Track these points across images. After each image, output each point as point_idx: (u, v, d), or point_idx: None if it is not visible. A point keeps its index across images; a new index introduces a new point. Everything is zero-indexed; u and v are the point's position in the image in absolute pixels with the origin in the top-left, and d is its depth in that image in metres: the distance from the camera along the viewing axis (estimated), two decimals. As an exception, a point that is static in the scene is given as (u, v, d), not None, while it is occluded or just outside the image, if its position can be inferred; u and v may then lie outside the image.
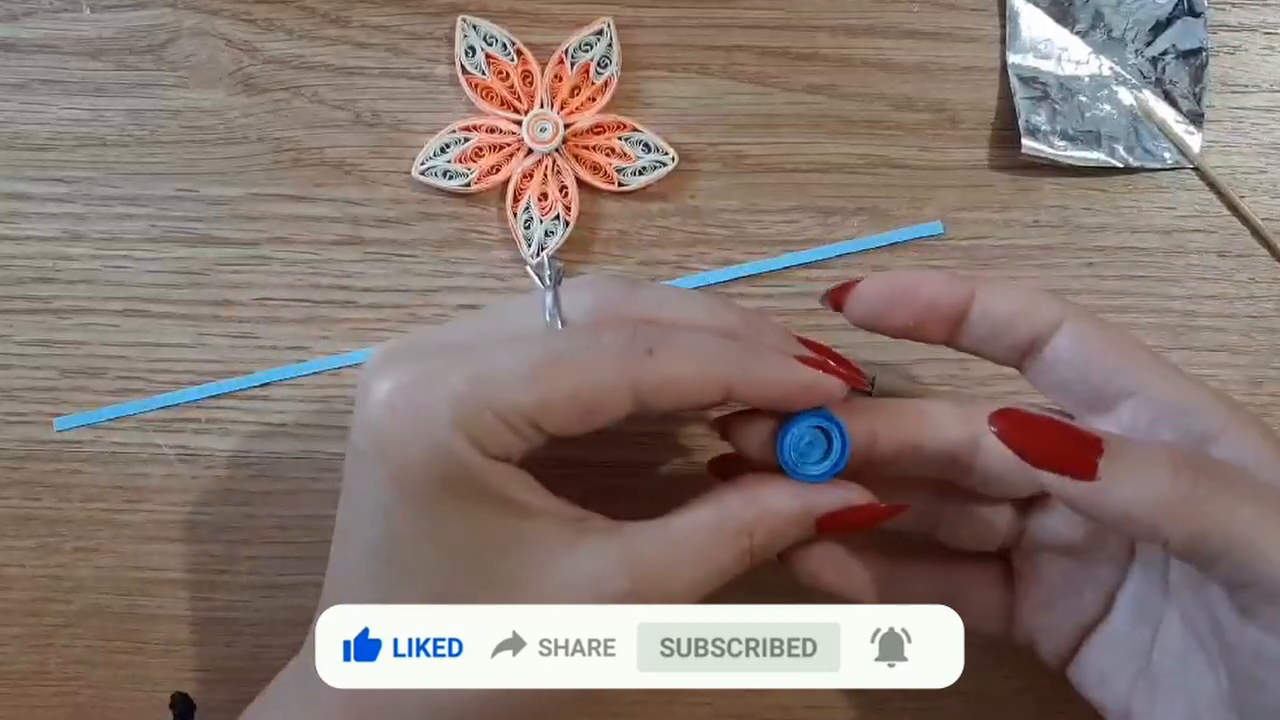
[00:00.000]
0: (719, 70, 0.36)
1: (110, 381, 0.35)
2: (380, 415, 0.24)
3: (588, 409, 0.24)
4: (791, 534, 0.27)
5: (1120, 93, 0.36)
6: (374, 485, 0.25)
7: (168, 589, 0.35)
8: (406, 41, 0.36)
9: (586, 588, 0.25)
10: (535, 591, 0.25)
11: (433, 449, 0.24)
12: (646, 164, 0.35)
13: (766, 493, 0.27)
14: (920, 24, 0.36)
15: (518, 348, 0.25)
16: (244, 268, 0.36)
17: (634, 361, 0.24)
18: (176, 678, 0.35)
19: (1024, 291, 0.27)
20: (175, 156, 0.36)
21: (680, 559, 0.26)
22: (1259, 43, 0.36)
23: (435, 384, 0.24)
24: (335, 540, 0.27)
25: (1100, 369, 0.26)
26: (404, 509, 0.24)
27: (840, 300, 0.28)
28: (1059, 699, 0.35)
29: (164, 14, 0.36)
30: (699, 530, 0.26)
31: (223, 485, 0.35)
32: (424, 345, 0.26)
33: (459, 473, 0.24)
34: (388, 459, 0.24)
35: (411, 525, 0.25)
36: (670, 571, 0.25)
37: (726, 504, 0.26)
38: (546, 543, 0.25)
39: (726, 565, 0.26)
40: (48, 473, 0.35)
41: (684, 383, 0.25)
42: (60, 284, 0.36)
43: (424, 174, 0.35)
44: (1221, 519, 0.23)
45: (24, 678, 0.35)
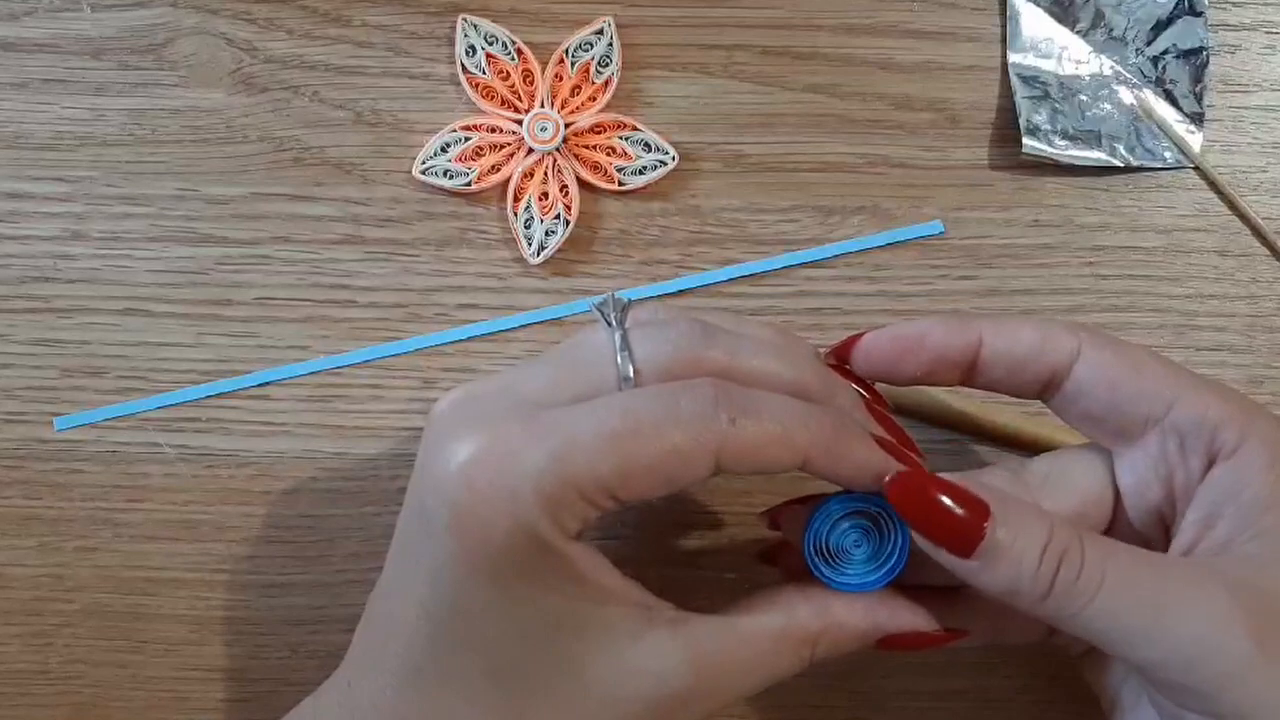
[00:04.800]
0: (719, 69, 0.36)
1: (111, 381, 0.35)
2: (457, 488, 0.23)
3: (668, 478, 0.24)
4: (854, 647, 0.27)
5: (1121, 92, 0.36)
6: (442, 553, 0.24)
7: (168, 588, 0.35)
8: (407, 41, 0.36)
9: (649, 679, 0.25)
10: (598, 677, 0.25)
11: (516, 530, 0.23)
12: (647, 163, 0.35)
13: (837, 607, 0.26)
14: (921, 23, 0.36)
15: (597, 414, 0.24)
16: (244, 267, 0.36)
17: (717, 430, 0.24)
18: (177, 677, 0.35)
19: (1033, 326, 0.26)
20: (176, 156, 0.36)
21: (744, 660, 0.25)
22: (1259, 42, 0.36)
23: (518, 460, 0.23)
24: (381, 589, 0.26)
25: (1124, 397, 0.26)
26: (475, 584, 0.24)
27: (845, 356, 0.28)
28: (1059, 699, 0.35)
29: (165, 13, 0.36)
30: (766, 634, 0.26)
31: (223, 485, 0.35)
32: (497, 401, 0.25)
33: (540, 554, 0.24)
34: (465, 534, 0.23)
35: (480, 600, 0.24)
36: (732, 672, 0.25)
37: (796, 612, 0.26)
38: (615, 630, 0.25)
39: (785, 670, 0.26)
40: (48, 472, 0.35)
41: (765, 452, 0.24)
42: (61, 283, 0.36)
43: (424, 173, 0.35)
44: (1076, 611, 0.24)
45: (25, 677, 0.35)
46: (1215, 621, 0.23)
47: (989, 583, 0.24)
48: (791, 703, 0.35)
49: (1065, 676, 0.35)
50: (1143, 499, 0.27)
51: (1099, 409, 0.26)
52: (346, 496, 0.35)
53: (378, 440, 0.35)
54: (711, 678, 0.25)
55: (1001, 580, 0.24)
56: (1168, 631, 0.23)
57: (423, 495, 0.25)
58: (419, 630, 0.25)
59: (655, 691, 0.25)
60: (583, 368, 0.25)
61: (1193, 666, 0.23)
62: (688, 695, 0.25)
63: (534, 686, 0.25)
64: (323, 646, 0.35)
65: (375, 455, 0.35)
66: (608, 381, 0.25)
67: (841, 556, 0.26)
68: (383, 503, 0.35)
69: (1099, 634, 0.24)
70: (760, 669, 0.26)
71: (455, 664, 0.25)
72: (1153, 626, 0.23)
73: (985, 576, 0.24)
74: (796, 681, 0.34)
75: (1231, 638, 0.23)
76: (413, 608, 0.25)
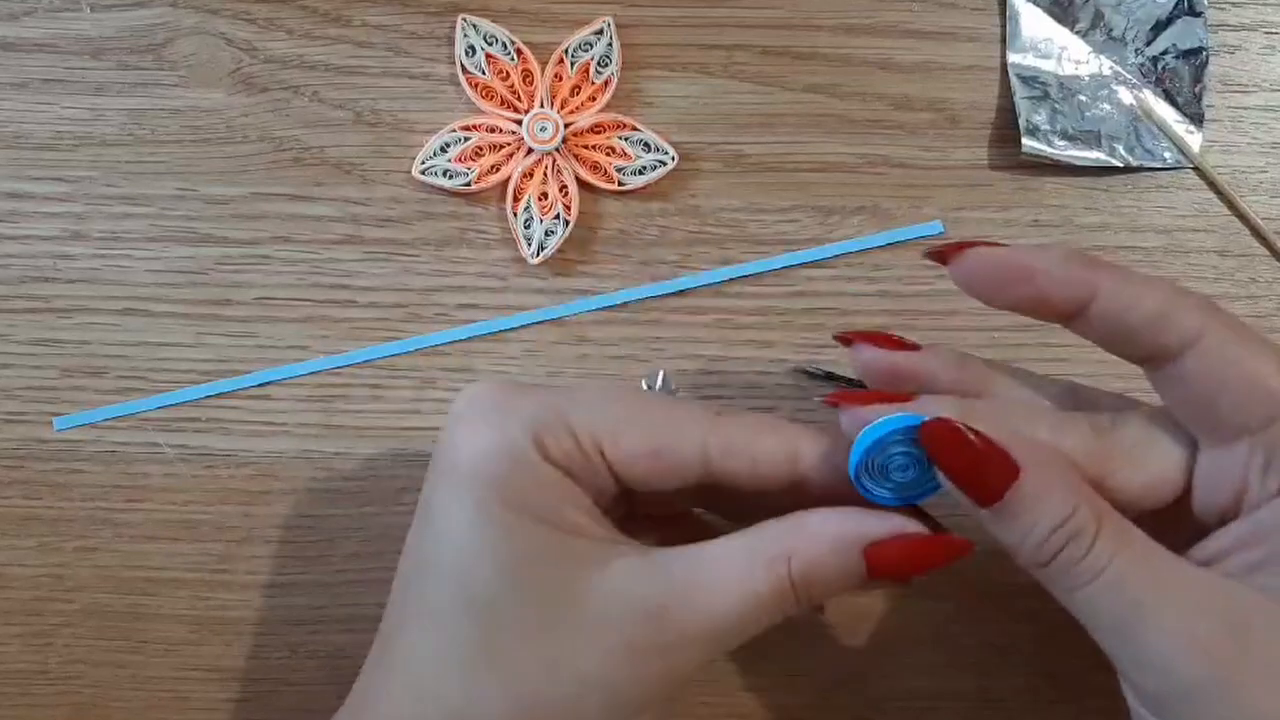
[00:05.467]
0: (719, 69, 0.36)
1: (111, 381, 0.35)
2: (455, 419, 0.26)
3: (656, 449, 0.25)
4: (835, 566, 0.25)
5: (1120, 92, 0.36)
6: (433, 480, 0.25)
7: (168, 588, 0.35)
8: (407, 41, 0.36)
9: (618, 601, 0.24)
10: (568, 604, 0.24)
11: (501, 443, 0.25)
12: (647, 163, 0.35)
13: (810, 517, 0.25)
14: (920, 23, 0.36)
15: (603, 387, 0.27)
16: (244, 267, 0.36)
17: (707, 415, 0.25)
18: (176, 677, 0.35)
19: (1160, 296, 0.24)
20: (175, 156, 0.36)
21: (715, 580, 0.24)
22: (1259, 42, 0.36)
23: (519, 391, 0.26)
24: (411, 565, 0.26)
25: (1229, 401, 0.24)
26: (459, 508, 0.25)
27: (947, 260, 0.26)
28: (1059, 699, 0.35)
29: (164, 13, 0.36)
30: (732, 553, 0.25)
31: (223, 484, 0.35)
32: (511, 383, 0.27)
33: (520, 472, 0.25)
34: (455, 454, 0.25)
35: (461, 527, 0.25)
36: (704, 591, 0.24)
37: (764, 529, 0.25)
38: (585, 558, 0.25)
39: (764, 595, 0.24)
40: (48, 472, 0.35)
41: (757, 442, 0.25)
42: (61, 283, 0.36)
43: (424, 173, 0.35)
44: (1068, 589, 0.24)
45: (24, 677, 0.35)
46: (1193, 642, 0.22)
47: (994, 532, 0.24)
48: (792, 703, 0.35)
49: (1065, 676, 0.35)
50: (1209, 497, 0.25)
51: (1198, 401, 0.24)
52: (346, 497, 0.35)
53: (378, 440, 0.35)
54: (682, 597, 0.24)
55: (1007, 537, 0.24)
56: (1141, 638, 0.23)
57: (432, 460, 0.26)
58: (404, 568, 0.26)
59: (625, 613, 0.24)
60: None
61: (1158, 677, 0.23)
62: (661, 618, 0.24)
63: (505, 620, 0.24)
64: (323, 647, 0.35)
65: (375, 455, 0.35)
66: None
67: (885, 475, 0.25)
68: (382, 503, 0.35)
69: (1083, 616, 0.24)
70: (734, 590, 0.24)
71: (432, 597, 0.25)
72: (1132, 627, 0.23)
73: (993, 527, 0.24)
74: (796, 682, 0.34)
75: (1201, 663, 0.22)
76: (407, 552, 0.26)
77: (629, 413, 0.26)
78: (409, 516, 0.27)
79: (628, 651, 0.24)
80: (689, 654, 0.25)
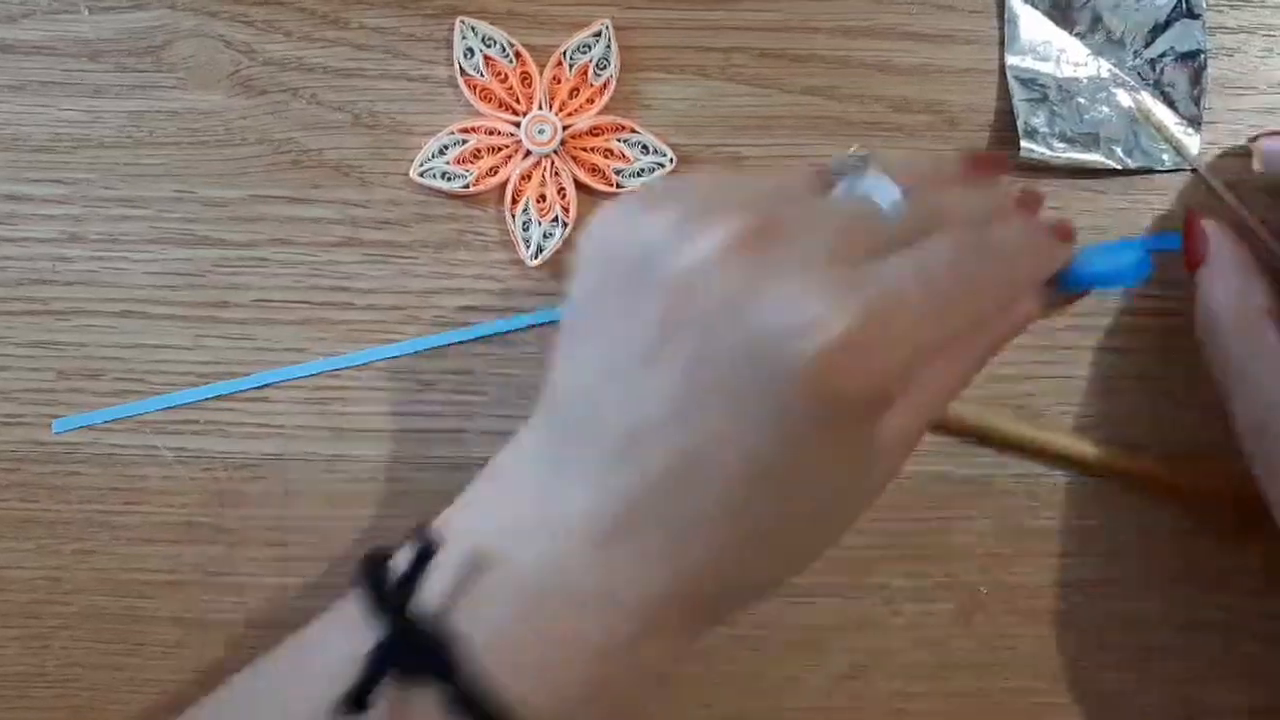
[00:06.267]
0: (717, 72, 0.36)
1: (108, 383, 0.35)
2: (818, 346, 0.23)
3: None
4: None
5: (1119, 95, 0.36)
6: (785, 404, 0.24)
7: (166, 591, 0.35)
8: (405, 43, 0.36)
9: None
10: (859, 504, 0.27)
11: (872, 388, 0.24)
12: (645, 165, 0.35)
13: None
14: (918, 26, 0.36)
15: (926, 266, 0.25)
16: (242, 269, 0.36)
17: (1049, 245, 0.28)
18: (174, 679, 0.35)
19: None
20: (173, 158, 0.36)
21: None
22: (1257, 45, 0.36)
23: (887, 334, 0.24)
24: (667, 436, 0.25)
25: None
26: (809, 435, 0.24)
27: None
28: (1060, 700, 0.35)
29: (162, 16, 0.36)
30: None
31: (221, 487, 0.35)
32: (804, 253, 0.24)
33: (878, 409, 0.25)
34: (820, 387, 0.23)
35: (806, 451, 0.24)
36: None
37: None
38: (874, 472, 0.27)
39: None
40: (46, 474, 0.35)
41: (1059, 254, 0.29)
42: (59, 285, 0.36)
43: (422, 176, 0.35)
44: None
45: (22, 680, 0.35)
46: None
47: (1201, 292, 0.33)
48: (792, 704, 0.35)
49: (1065, 677, 0.35)
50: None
51: None
52: (345, 499, 0.35)
53: (376, 443, 0.35)
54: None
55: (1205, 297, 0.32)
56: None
57: (761, 353, 0.24)
58: (745, 476, 0.24)
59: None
60: (855, 220, 0.26)
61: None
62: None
63: (841, 504, 0.26)
64: (321, 649, 0.35)
65: (374, 457, 0.35)
66: (885, 233, 0.26)
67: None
68: (381, 505, 0.35)
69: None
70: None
71: (779, 505, 0.25)
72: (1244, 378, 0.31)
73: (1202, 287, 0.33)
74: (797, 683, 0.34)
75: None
76: (739, 454, 0.24)
77: (967, 295, 0.26)
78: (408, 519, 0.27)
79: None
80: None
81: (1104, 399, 0.36)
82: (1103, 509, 0.36)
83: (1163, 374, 0.36)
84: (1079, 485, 0.36)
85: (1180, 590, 0.35)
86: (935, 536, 0.35)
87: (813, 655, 0.35)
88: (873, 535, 0.35)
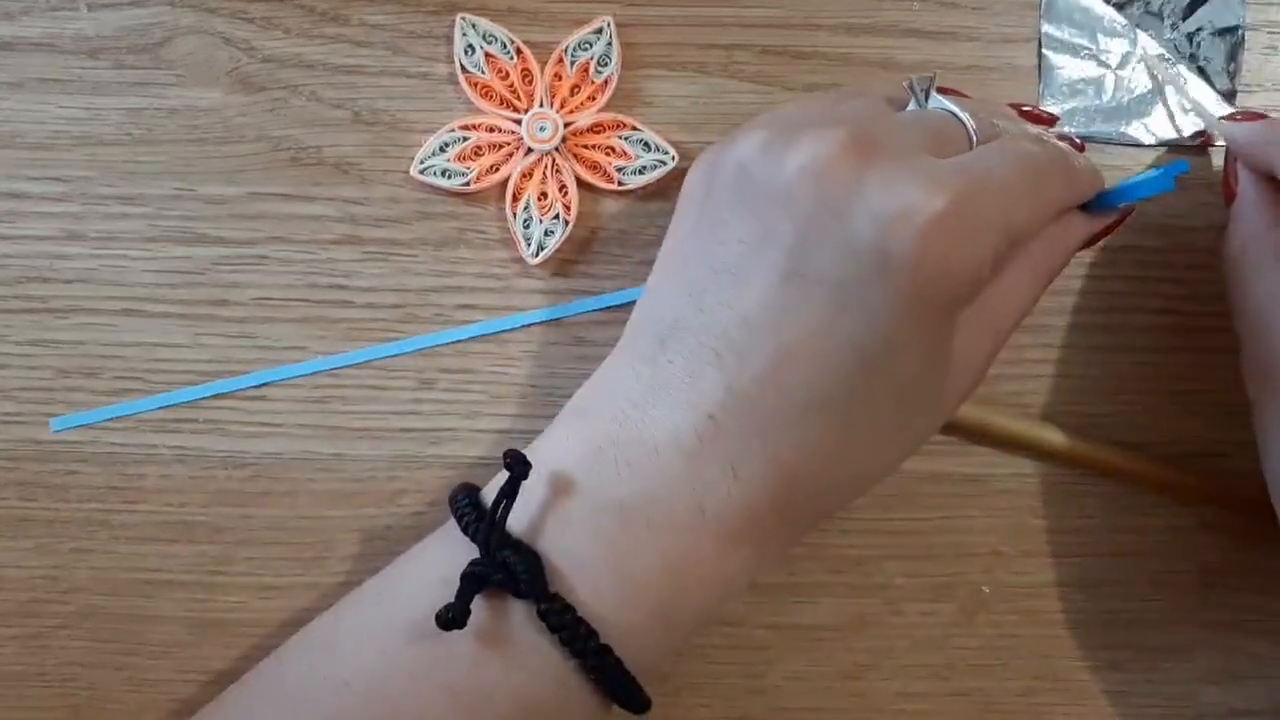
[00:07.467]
0: (719, 69, 0.36)
1: (107, 381, 0.35)
2: (924, 235, 0.25)
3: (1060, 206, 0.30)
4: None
5: (1154, 66, 0.36)
6: (891, 293, 0.25)
7: (165, 590, 0.35)
8: (405, 40, 0.36)
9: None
10: (964, 387, 0.29)
11: (969, 276, 0.26)
12: (646, 163, 0.35)
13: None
14: (920, 23, 0.36)
15: (1007, 160, 0.27)
16: (241, 267, 0.36)
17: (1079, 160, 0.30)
18: (173, 679, 0.35)
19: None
20: (173, 155, 0.36)
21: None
22: (1261, 42, 0.36)
23: (974, 211, 0.26)
24: (771, 334, 0.26)
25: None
26: (913, 321, 0.25)
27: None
28: (1059, 699, 0.35)
29: (161, 12, 0.36)
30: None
31: (220, 486, 0.35)
32: (898, 152, 0.26)
33: (973, 293, 0.26)
34: (924, 275, 0.25)
35: (912, 336, 0.26)
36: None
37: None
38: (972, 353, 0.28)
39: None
40: (44, 473, 0.35)
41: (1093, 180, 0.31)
42: (57, 283, 0.35)
43: (423, 173, 0.35)
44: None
45: (21, 679, 0.35)
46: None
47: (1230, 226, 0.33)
48: (792, 704, 0.35)
49: (1065, 677, 0.35)
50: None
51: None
52: (344, 498, 0.35)
53: (375, 441, 0.35)
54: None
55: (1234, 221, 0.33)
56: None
57: (864, 240, 0.25)
58: (842, 363, 0.26)
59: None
60: (937, 124, 0.29)
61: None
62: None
63: (924, 402, 0.27)
64: (320, 648, 0.35)
65: (373, 456, 0.35)
66: (964, 135, 0.29)
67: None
68: (381, 504, 0.35)
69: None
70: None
71: (869, 392, 0.26)
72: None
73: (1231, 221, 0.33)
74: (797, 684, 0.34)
75: None
76: (838, 342, 0.26)
77: (1047, 187, 0.29)
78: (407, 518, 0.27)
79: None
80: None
81: (1104, 399, 0.36)
82: (1103, 509, 0.36)
83: (1163, 374, 0.36)
84: (1080, 485, 0.36)
85: (1181, 590, 0.35)
86: (937, 536, 0.35)
87: (814, 655, 0.35)
88: (874, 534, 0.35)
